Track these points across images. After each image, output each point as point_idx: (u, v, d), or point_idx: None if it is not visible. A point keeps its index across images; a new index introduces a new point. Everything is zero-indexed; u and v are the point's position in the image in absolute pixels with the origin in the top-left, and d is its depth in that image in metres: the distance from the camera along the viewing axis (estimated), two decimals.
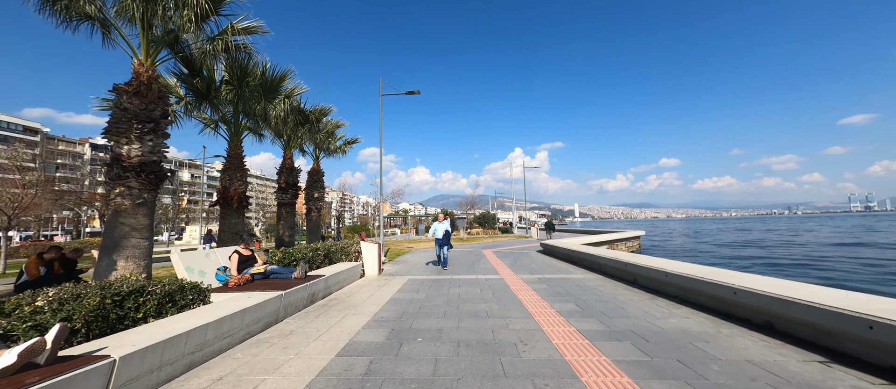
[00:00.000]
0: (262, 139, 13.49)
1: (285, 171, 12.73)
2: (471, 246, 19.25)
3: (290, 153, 12.98)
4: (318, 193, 16.26)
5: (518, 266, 9.87)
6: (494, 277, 8.04)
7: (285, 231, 12.52)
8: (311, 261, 6.94)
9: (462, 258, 12.65)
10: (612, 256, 7.85)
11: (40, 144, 73.69)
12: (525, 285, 6.95)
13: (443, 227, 9.60)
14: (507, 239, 26.57)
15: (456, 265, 10.39)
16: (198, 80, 8.00)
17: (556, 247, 12.46)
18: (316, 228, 16.06)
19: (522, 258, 12.02)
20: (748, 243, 33.69)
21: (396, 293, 6.41)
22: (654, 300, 5.42)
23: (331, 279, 6.17)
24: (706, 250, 29.16)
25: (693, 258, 23.45)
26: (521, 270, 9.13)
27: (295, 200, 12.84)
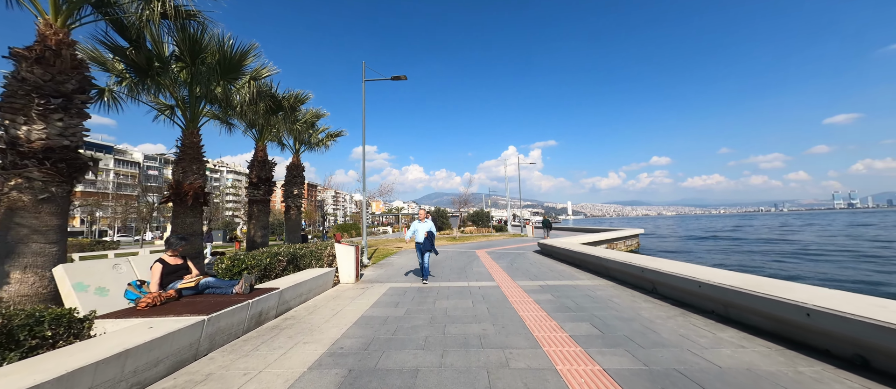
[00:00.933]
0: (232, 130, 12.18)
1: (257, 164, 11.46)
2: (464, 246, 18.18)
3: (263, 145, 11.71)
4: (298, 189, 15.00)
5: (515, 270, 8.80)
6: (489, 284, 6.96)
7: (257, 231, 11.27)
8: (268, 269, 5.75)
9: (453, 259, 11.57)
10: (624, 259, 6.82)
11: None
12: (525, 295, 5.87)
13: (424, 228, 7.61)
14: (502, 238, 25.57)
15: (445, 269, 9.28)
16: (134, 51, 6.71)
17: (555, 248, 11.44)
18: (295, 227, 14.80)
19: (519, 260, 10.97)
20: (775, 239, 31.54)
21: (370, 307, 5.27)
22: (686, 317, 4.37)
23: (289, 292, 5.01)
24: (726, 247, 27.81)
25: (712, 259, 21.96)
26: (520, 275, 8.06)
27: (268, 196, 11.59)
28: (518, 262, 10.53)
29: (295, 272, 6.28)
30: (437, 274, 8.45)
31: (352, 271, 7.40)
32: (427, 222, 7.77)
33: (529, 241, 20.93)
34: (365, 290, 6.66)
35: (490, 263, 10.41)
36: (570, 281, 7.08)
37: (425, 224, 7.71)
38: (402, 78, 11.26)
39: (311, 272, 6.28)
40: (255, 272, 5.42)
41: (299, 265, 6.74)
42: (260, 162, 11.53)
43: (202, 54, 7.76)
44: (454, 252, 14.30)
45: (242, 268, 5.31)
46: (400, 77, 11.22)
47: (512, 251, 14.13)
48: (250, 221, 11.39)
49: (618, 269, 6.95)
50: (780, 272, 16.16)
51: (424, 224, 7.71)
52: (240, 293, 4.24)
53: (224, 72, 8.11)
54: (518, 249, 15.41)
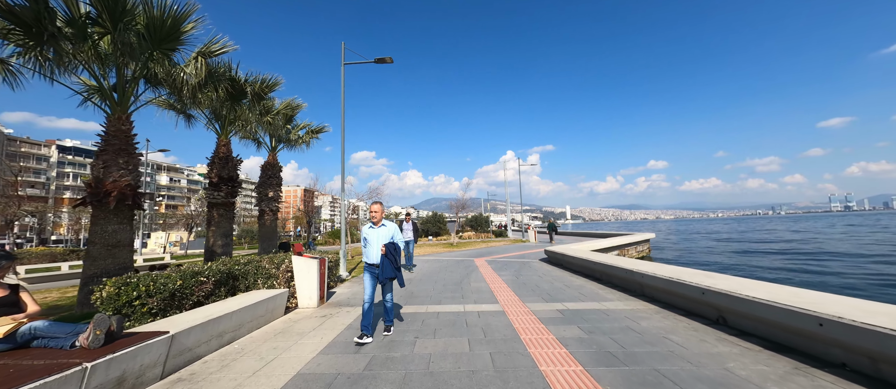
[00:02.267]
0: (192, 121, 10.58)
1: (218, 161, 9.81)
2: (462, 253, 16.50)
3: (225, 140, 10.07)
4: (274, 191, 13.34)
5: (523, 286, 7.14)
6: (491, 309, 5.29)
7: (217, 239, 9.58)
8: (180, 297, 4.04)
9: (449, 270, 9.90)
10: (668, 274, 5.17)
11: (0, 145, 68.52)
12: (543, 329, 4.21)
13: (382, 237, 4.23)
14: (502, 244, 23.90)
15: (438, 284, 7.61)
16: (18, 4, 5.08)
17: (565, 256, 9.79)
18: (270, 234, 13.11)
19: (526, 271, 9.31)
20: (824, 250, 23.51)
21: (320, 353, 3.61)
22: (811, 377, 2.74)
23: (194, 335, 3.34)
24: (758, 249, 24.80)
25: (769, 273, 16.62)
26: (529, 293, 6.40)
27: (231, 198, 9.93)
28: (525, 274, 8.87)
29: (227, 299, 4.59)
30: (427, 291, 6.78)
31: (314, 291, 5.72)
32: (388, 228, 4.29)
33: (533, 247, 19.27)
34: (326, 319, 4.98)
35: (491, 276, 8.74)
36: (597, 304, 5.42)
37: (385, 231, 4.24)
38: (387, 60, 9.68)
39: (248, 297, 4.60)
40: (153, 302, 3.73)
41: (237, 288, 5.06)
42: (221, 159, 9.87)
43: (126, 17, 6.13)
44: (451, 261, 12.63)
45: (130, 299, 3.62)
46: (384, 59, 9.64)
47: (515, 260, 12.47)
48: (209, 227, 9.70)
49: (661, 288, 5.29)
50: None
51: (382, 231, 4.24)
52: (86, 348, 2.57)
53: (157, 41, 6.48)
54: (521, 257, 13.75)
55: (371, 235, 4.26)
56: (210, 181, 9.81)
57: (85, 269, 6.19)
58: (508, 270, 9.80)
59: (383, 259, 4.10)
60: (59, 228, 70.41)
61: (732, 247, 29.84)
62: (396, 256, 4.16)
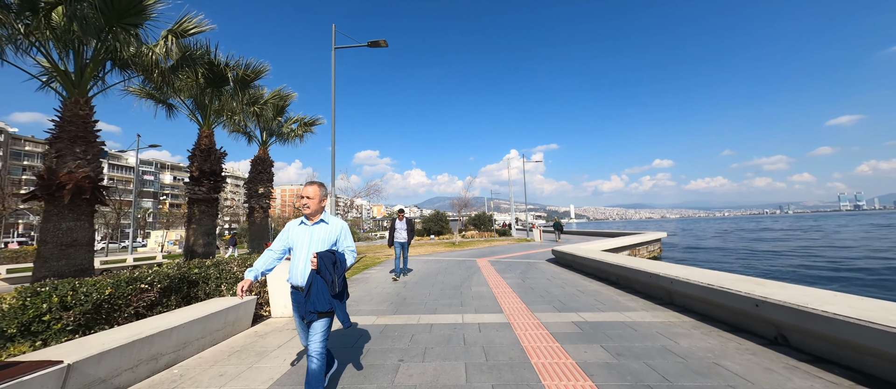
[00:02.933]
0: (173, 111, 9.87)
1: (199, 154, 9.09)
2: (464, 253, 15.70)
3: (208, 131, 9.35)
4: (264, 187, 12.62)
5: (530, 291, 6.32)
6: (495, 320, 4.49)
7: (198, 238, 8.86)
8: (108, 310, 3.26)
9: (449, 271, 9.11)
10: (706, 279, 4.32)
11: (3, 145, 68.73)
12: (558, 349, 3.40)
13: (320, 242, 2.56)
14: (506, 243, 23.07)
15: (435, 288, 6.81)
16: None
17: (575, 257, 8.96)
18: (261, 232, 12.39)
19: (532, 273, 8.50)
20: None
21: (275, 383, 2.84)
22: None
23: (111, 361, 2.59)
24: (783, 249, 22.63)
25: (810, 273, 15.21)
26: (538, 300, 5.58)
27: (214, 194, 9.20)
28: (531, 276, 8.05)
29: (173, 311, 3.82)
30: (422, 297, 5.98)
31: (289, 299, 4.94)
32: (332, 226, 2.65)
33: (538, 247, 18.42)
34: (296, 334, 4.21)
35: (495, 278, 7.93)
36: (619, 315, 4.59)
37: (324, 232, 2.60)
38: (382, 44, 8.89)
39: (200, 308, 3.83)
40: (70, 316, 2.96)
41: (195, 296, 4.29)
42: (203, 151, 9.15)
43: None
44: (451, 262, 11.83)
45: (39, 313, 2.86)
46: (378, 43, 8.86)
47: (520, 261, 11.64)
48: (190, 225, 8.99)
49: (698, 297, 4.45)
50: None
51: (319, 231, 2.60)
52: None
53: (115, 14, 5.74)
54: (526, 257, 12.92)
55: (298, 236, 2.56)
56: (191, 175, 9.09)
57: (34, 272, 5.49)
58: (513, 272, 8.98)
59: (314, 279, 2.39)
60: None
61: (753, 246, 27.81)
62: (334, 274, 2.40)
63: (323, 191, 2.68)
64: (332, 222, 2.67)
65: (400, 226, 8.37)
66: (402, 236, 8.28)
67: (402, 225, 8.38)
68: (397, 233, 8.28)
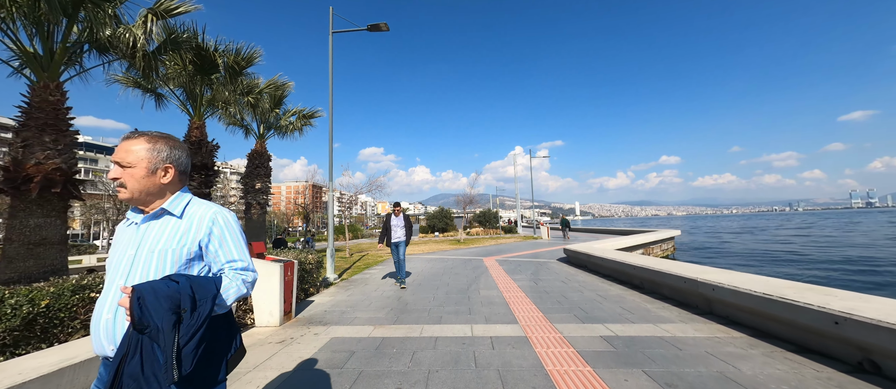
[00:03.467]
0: (162, 102, 9.34)
1: (190, 146, 8.56)
2: (469, 251, 15.10)
3: (198, 122, 8.80)
4: (262, 182, 12.10)
5: (546, 295, 5.69)
6: (509, 333, 3.87)
7: None
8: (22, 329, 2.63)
9: (454, 272, 8.51)
10: (762, 289, 3.65)
11: None
12: (591, 376, 2.77)
13: (159, 263, 1.19)
14: (513, 240, 22.42)
15: (440, 291, 6.21)
16: None
17: (591, 257, 8.30)
18: (258, 230, 11.89)
19: (544, 274, 7.86)
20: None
21: None
22: None
23: None
24: (808, 254, 19.45)
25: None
26: (556, 306, 4.95)
27: (206, 188, 8.67)
28: (544, 278, 7.41)
29: None
30: (425, 302, 5.38)
31: (277, 305, 4.37)
32: (193, 221, 1.26)
33: (546, 245, 17.76)
34: (284, 346, 3.63)
35: (504, 280, 7.31)
36: (654, 328, 3.95)
37: (143, 239, 1.21)
38: (382, 27, 8.26)
39: None
40: None
41: None
42: (194, 144, 8.61)
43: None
44: (456, 261, 11.24)
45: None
46: (378, 26, 8.22)
47: (530, 260, 11.01)
48: None
49: (749, 308, 3.77)
50: None
51: (153, 232, 1.23)
52: None
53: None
54: (536, 256, 12.28)
55: (118, 246, 1.24)
56: None
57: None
58: (524, 272, 8.35)
59: (131, 344, 1.01)
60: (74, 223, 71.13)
61: (778, 247, 25.01)
62: (176, 332, 1.00)
63: (159, 149, 1.26)
64: (193, 212, 1.29)
65: (396, 223, 6.90)
66: (398, 236, 6.85)
67: (400, 222, 6.91)
68: (393, 232, 6.88)
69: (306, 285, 6.14)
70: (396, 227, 6.92)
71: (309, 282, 6.24)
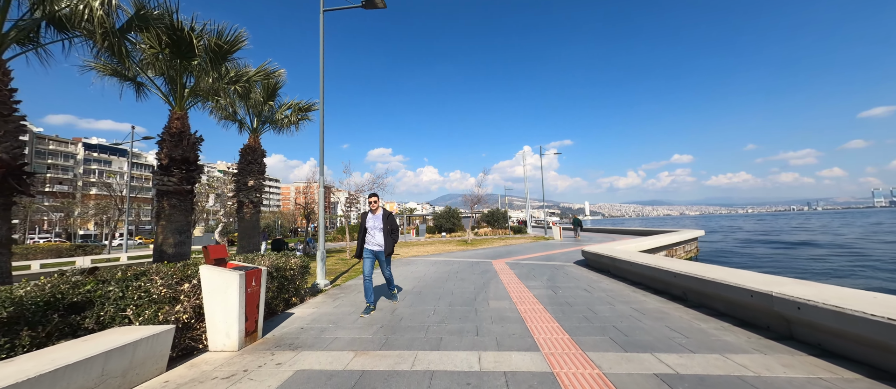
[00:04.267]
0: (143, 92, 8.62)
1: (169, 139, 7.79)
2: (477, 253, 14.14)
3: (180, 112, 8.03)
4: (255, 179, 11.35)
5: (568, 308, 4.71)
6: (529, 365, 2.92)
7: (168, 237, 7.59)
8: None
9: (459, 277, 7.58)
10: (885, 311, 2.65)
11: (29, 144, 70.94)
12: None
13: None
14: (523, 241, 21.37)
15: (441, 302, 5.28)
16: None
17: (616, 261, 7.27)
18: (250, 230, 11.13)
19: (564, 281, 6.87)
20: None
21: None
22: None
23: None
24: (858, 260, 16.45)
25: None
26: (583, 323, 3.98)
27: (188, 185, 7.90)
28: (563, 284, 6.42)
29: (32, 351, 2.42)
30: (423, 317, 4.45)
31: (235, 324, 3.50)
32: None
33: (559, 246, 16.68)
34: (234, 383, 2.76)
35: (517, 288, 6.34)
36: (722, 360, 2.95)
37: None
38: (378, 5, 7.37)
39: (58, 352, 2.41)
40: None
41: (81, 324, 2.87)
42: (173, 135, 7.84)
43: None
44: (463, 263, 10.30)
45: None
46: (374, 3, 7.34)
47: (544, 263, 10.00)
48: (158, 221, 7.71)
49: (867, 338, 2.75)
50: None
51: None
52: None
53: None
54: (549, 258, 11.26)
55: None
56: (159, 164, 7.82)
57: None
58: (539, 278, 7.37)
59: None
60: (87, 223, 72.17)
61: (813, 252, 22.07)
62: None
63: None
64: None
65: (373, 223, 5.04)
66: (376, 242, 5.00)
67: (377, 222, 5.02)
68: (370, 235, 5.05)
69: (287, 294, 5.28)
70: (374, 229, 5.03)
71: (290, 291, 5.38)
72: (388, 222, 5.05)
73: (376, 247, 5.05)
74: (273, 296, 4.96)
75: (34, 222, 65.53)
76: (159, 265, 3.88)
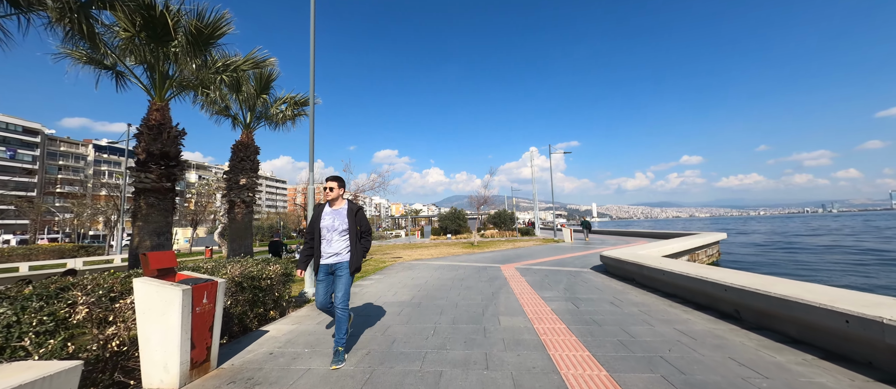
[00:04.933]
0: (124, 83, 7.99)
1: (147, 132, 7.11)
2: (484, 256, 13.29)
3: (161, 103, 7.36)
4: (247, 177, 10.67)
5: (597, 329, 3.85)
6: None
7: (145, 238, 6.90)
8: None
9: (465, 287, 6.75)
10: None
11: (40, 145, 71.99)
12: None
13: None
14: (532, 244, 20.44)
15: (443, 319, 4.46)
16: None
17: (643, 268, 6.39)
18: (242, 233, 10.45)
19: (583, 290, 5.99)
20: None
21: None
22: None
23: None
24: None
25: None
26: (620, 350, 3.12)
27: (166, 182, 7.21)
28: (584, 296, 5.56)
29: None
30: (419, 338, 3.64)
31: (174, 354, 2.72)
32: None
33: (571, 250, 15.74)
34: None
35: (532, 300, 5.49)
36: None
37: None
38: None
39: None
40: None
41: None
42: (152, 128, 7.17)
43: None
44: (469, 269, 9.46)
45: None
46: None
47: (557, 269, 9.12)
48: (135, 222, 7.03)
49: None
50: None
51: None
52: None
53: None
54: (562, 263, 10.36)
55: None
56: (137, 159, 7.14)
57: None
58: (555, 287, 6.50)
59: None
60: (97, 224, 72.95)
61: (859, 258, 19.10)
62: None
63: None
64: None
65: (332, 222, 3.35)
66: (334, 251, 3.31)
67: (339, 221, 3.35)
68: (325, 240, 3.34)
69: (262, 307, 4.52)
70: (332, 232, 3.31)
71: (267, 303, 4.61)
72: (357, 221, 3.36)
73: (335, 260, 3.27)
74: (244, 311, 4.20)
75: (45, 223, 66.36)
76: (97, 277, 3.14)
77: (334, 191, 3.42)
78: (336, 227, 3.34)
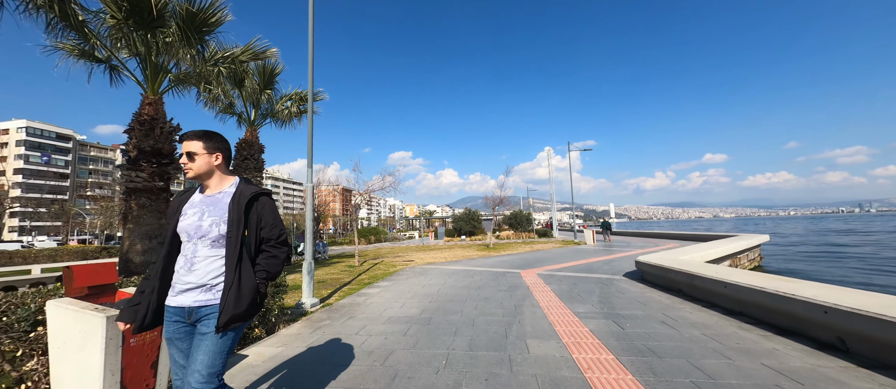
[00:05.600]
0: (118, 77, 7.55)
1: (139, 128, 6.61)
2: (501, 260, 12.38)
3: (153, 97, 6.86)
4: (253, 177, 10.14)
5: (653, 358, 2.94)
6: None
7: (135, 242, 6.40)
8: None
9: (481, 298, 5.91)
10: None
11: (72, 151, 75.37)
12: None
13: None
14: (551, 246, 19.34)
15: (457, 343, 3.64)
16: None
17: (699, 281, 5.39)
18: None
19: (622, 303, 5.06)
20: None
21: None
22: None
23: None
24: None
25: None
26: None
27: (159, 181, 6.69)
28: (627, 313, 4.63)
29: None
30: (431, 368, 2.84)
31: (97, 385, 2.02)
32: None
33: (594, 254, 14.62)
34: None
35: (564, 317, 4.60)
36: None
37: None
38: None
39: None
40: None
41: None
42: (144, 123, 6.66)
43: None
44: (486, 275, 8.60)
45: None
46: None
47: (585, 276, 8.14)
48: (125, 224, 6.54)
49: None
50: None
51: None
52: None
53: None
54: (588, 268, 9.35)
55: None
56: (128, 157, 6.66)
57: None
58: (587, 299, 5.57)
59: None
60: None
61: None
62: None
63: None
64: None
65: (197, 219, 1.66)
66: (197, 279, 1.61)
67: (211, 217, 1.65)
68: (186, 254, 1.65)
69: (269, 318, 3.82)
70: (194, 237, 1.65)
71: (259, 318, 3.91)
72: (252, 218, 1.69)
73: (194, 297, 1.61)
74: None
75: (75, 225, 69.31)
76: (25, 295, 2.49)
77: (196, 160, 1.67)
78: (204, 229, 1.63)
